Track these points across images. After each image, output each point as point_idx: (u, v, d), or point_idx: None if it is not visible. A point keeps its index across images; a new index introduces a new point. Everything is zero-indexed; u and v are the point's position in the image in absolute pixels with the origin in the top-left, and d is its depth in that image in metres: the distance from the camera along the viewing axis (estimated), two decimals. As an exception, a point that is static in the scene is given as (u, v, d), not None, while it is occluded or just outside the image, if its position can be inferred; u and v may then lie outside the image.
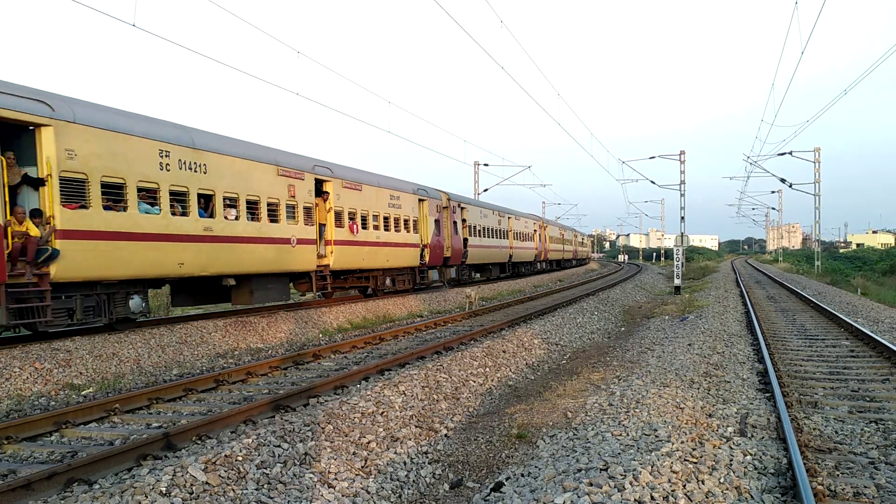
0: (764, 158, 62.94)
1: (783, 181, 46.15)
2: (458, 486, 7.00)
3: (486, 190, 48.46)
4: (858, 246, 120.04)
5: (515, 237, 39.65)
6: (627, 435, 6.65)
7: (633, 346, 14.73)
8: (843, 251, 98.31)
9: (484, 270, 36.22)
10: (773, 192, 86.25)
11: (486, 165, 48.44)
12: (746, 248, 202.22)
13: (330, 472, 6.45)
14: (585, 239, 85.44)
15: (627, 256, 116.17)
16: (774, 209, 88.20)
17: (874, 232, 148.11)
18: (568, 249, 60.90)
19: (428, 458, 7.59)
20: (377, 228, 21.77)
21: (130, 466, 6.25)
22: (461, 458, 7.76)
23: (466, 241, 30.71)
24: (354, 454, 6.97)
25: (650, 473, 5.20)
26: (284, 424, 7.09)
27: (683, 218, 36.64)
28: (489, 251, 34.57)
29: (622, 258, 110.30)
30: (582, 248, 75.57)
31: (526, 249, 42.44)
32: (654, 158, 40.38)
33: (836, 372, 10.48)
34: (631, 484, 5.02)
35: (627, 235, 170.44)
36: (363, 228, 20.79)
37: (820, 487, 5.21)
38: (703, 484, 5.13)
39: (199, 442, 7.06)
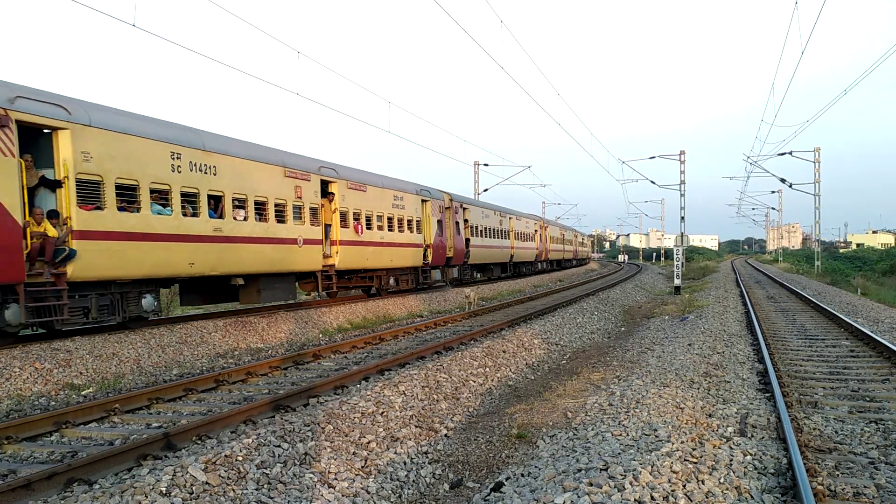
0: (764, 158, 62.99)
1: (783, 181, 46.18)
2: (458, 486, 7.00)
3: (486, 190, 48.52)
4: (858, 246, 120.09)
5: (517, 237, 39.70)
6: (627, 435, 6.65)
7: (633, 346, 14.73)
8: (843, 251, 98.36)
9: (486, 270, 36.27)
10: (773, 192, 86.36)
11: (486, 165, 48.51)
12: (746, 248, 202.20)
13: (330, 472, 6.45)
14: (585, 239, 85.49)
15: (627, 256, 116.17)
16: (774, 209, 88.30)
17: (874, 232, 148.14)
18: (568, 249, 60.97)
19: (428, 458, 7.59)
20: (381, 229, 21.92)
21: (130, 466, 6.25)
22: (461, 458, 7.76)
23: (468, 241, 30.76)
24: (354, 454, 6.97)
25: (650, 473, 5.20)
26: (284, 424, 7.09)
27: (683, 218, 36.67)
28: (491, 251, 34.64)
29: (622, 258, 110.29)
30: (582, 248, 75.62)
31: (527, 249, 42.50)
32: (654, 158, 40.41)
33: (836, 372, 10.48)
34: (631, 484, 5.02)
35: (627, 235, 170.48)
36: (367, 229, 20.95)
37: (820, 487, 5.21)
38: (703, 484, 5.13)
39: (199, 442, 7.06)
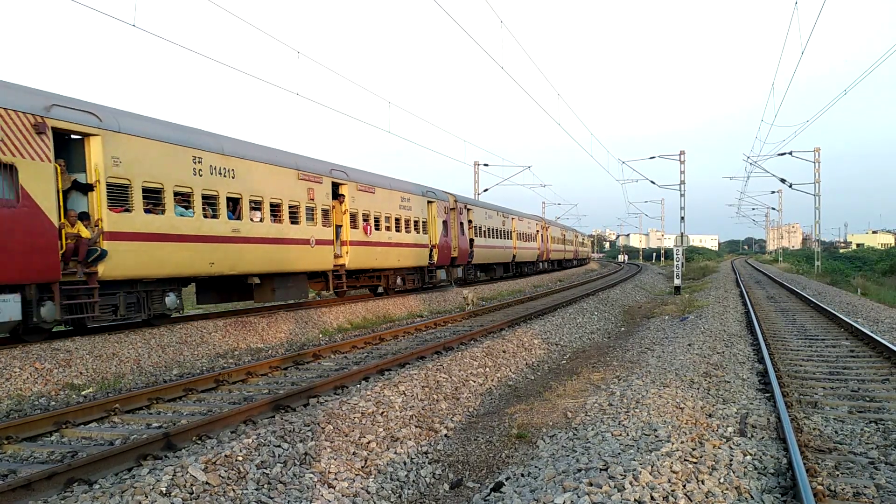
0: (764, 158, 63.02)
1: (783, 181, 46.18)
2: (458, 486, 7.00)
3: (486, 190, 48.55)
4: (858, 246, 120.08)
5: (519, 238, 39.82)
6: (627, 435, 6.64)
7: (633, 346, 14.73)
8: (843, 251, 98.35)
9: (489, 270, 36.41)
10: (773, 192, 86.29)
11: (486, 165, 48.54)
12: (746, 248, 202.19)
13: (330, 472, 6.45)
14: (586, 239, 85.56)
15: (627, 256, 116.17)
16: (774, 209, 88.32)
17: (874, 232, 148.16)
18: (569, 250, 61.04)
19: (428, 458, 7.59)
20: (389, 229, 22.38)
21: (130, 466, 6.25)
22: (461, 458, 7.75)
23: (472, 241, 31.01)
24: (354, 454, 6.97)
25: (650, 473, 5.20)
26: (284, 424, 7.09)
27: (683, 218, 36.68)
28: (494, 251, 34.82)
29: (622, 258, 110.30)
30: (582, 248, 75.70)
31: (529, 249, 42.61)
32: (654, 158, 40.43)
33: (835, 372, 10.48)
34: (631, 484, 5.02)
35: (627, 235, 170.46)
36: (376, 229, 21.39)
37: (820, 487, 5.21)
38: (702, 484, 5.13)
39: (199, 442, 7.06)
